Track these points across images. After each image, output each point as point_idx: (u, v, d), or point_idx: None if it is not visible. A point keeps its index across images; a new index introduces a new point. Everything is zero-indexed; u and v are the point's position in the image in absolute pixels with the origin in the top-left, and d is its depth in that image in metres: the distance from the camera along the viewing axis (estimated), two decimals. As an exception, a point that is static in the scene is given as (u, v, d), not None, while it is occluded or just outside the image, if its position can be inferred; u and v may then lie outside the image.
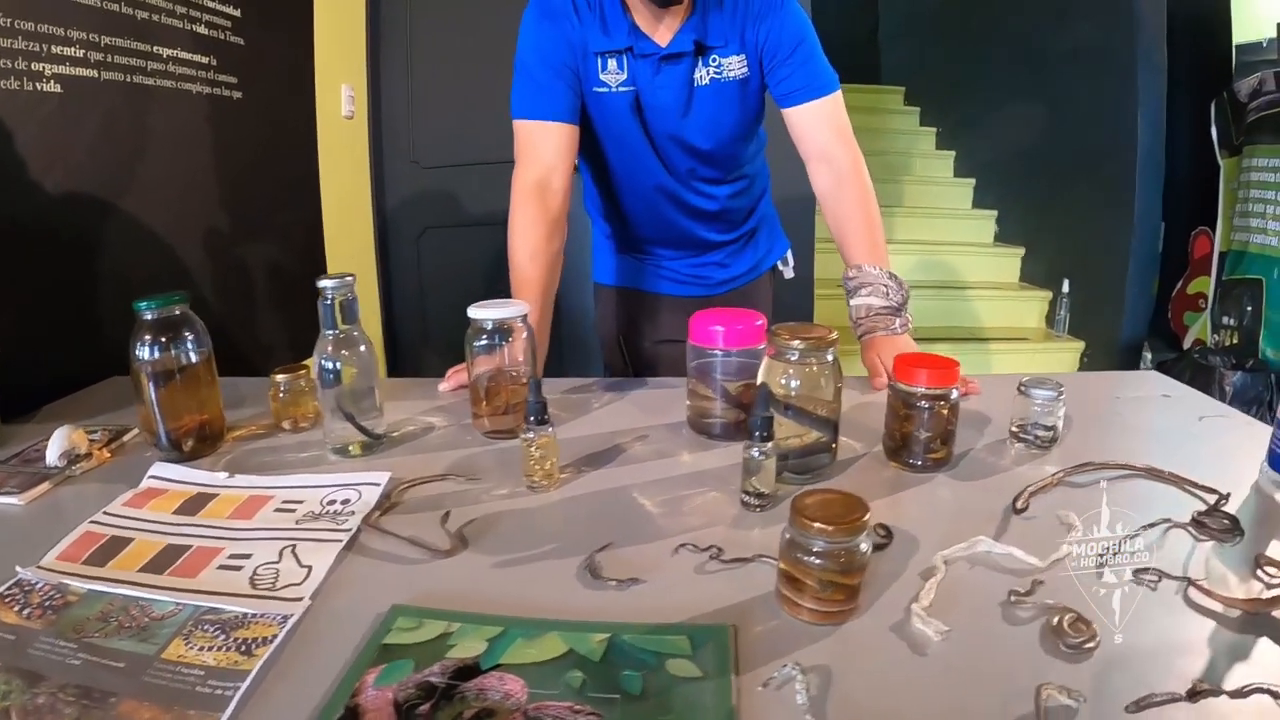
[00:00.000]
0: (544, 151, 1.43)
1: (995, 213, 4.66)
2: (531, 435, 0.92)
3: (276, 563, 0.81)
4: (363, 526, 0.87)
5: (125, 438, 1.15)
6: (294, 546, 0.84)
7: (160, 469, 1.03)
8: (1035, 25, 4.29)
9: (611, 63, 1.44)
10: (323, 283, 1.03)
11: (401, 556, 0.82)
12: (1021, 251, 4.42)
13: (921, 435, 1.00)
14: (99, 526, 0.89)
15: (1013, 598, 0.73)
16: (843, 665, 0.64)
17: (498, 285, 1.43)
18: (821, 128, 1.47)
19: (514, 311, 1.08)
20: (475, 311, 1.08)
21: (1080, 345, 3.93)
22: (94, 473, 1.05)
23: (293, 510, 0.92)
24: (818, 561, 0.67)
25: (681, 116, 1.47)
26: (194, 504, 0.94)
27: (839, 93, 1.48)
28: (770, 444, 0.86)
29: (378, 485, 0.96)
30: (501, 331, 1.09)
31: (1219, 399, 3.05)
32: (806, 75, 1.44)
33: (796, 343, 0.93)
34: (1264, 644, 0.68)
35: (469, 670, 0.62)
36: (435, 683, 0.61)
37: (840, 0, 6.60)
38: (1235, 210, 3.24)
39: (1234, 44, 4.22)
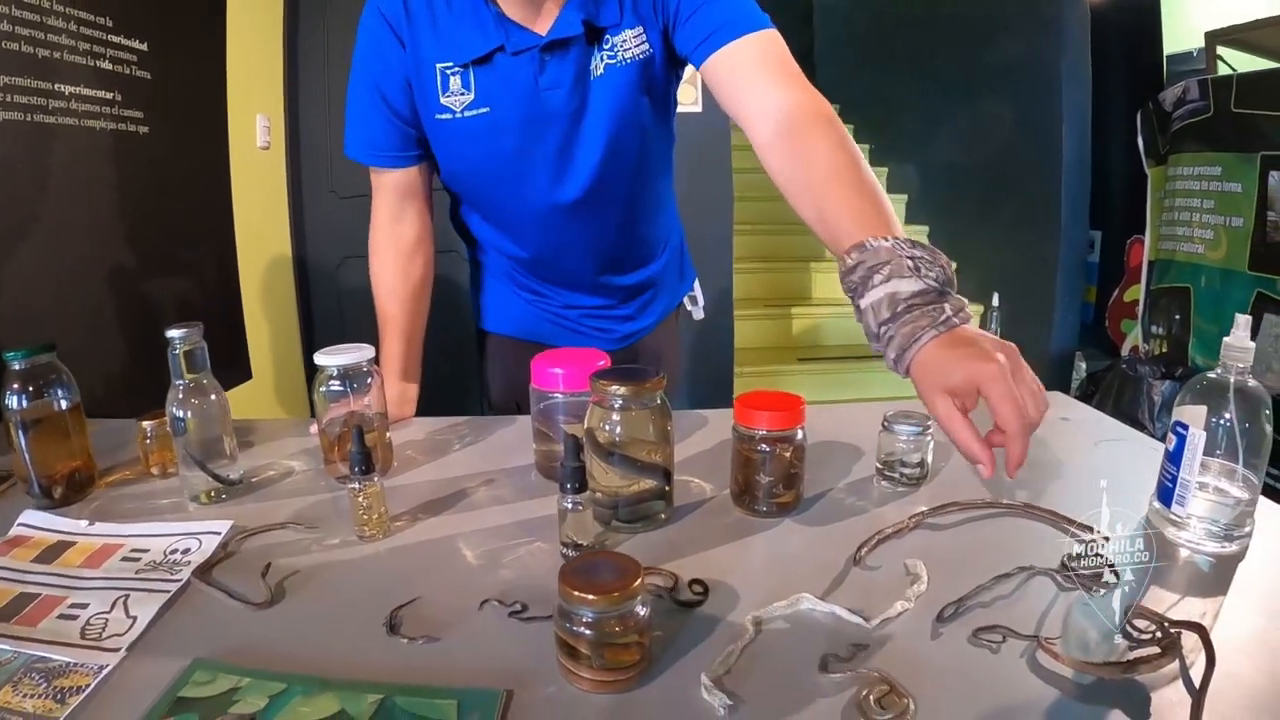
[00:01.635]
0: (387, 192, 1.34)
1: (927, 228, 4.72)
2: (357, 486, 0.91)
3: (108, 613, 0.81)
4: (191, 578, 0.86)
5: (6, 483, 1.14)
6: (127, 597, 0.83)
7: (28, 516, 1.02)
8: (964, 43, 4.36)
9: (455, 80, 1.20)
10: (170, 333, 1.02)
11: (221, 608, 0.81)
12: (953, 266, 4.45)
13: (763, 480, 0.96)
14: (-37, 574, 0.89)
15: (825, 665, 0.68)
16: (612, 739, 0.61)
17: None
18: (751, 71, 1.11)
19: (359, 357, 1.07)
20: (321, 358, 1.07)
21: (1011, 358, 3.97)
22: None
23: (138, 559, 0.91)
24: (588, 632, 0.64)
25: (576, 120, 1.22)
26: (52, 552, 0.94)
27: (773, 32, 1.13)
28: (584, 494, 0.84)
29: (218, 534, 0.95)
30: (349, 376, 1.08)
31: (1147, 409, 3.11)
32: (721, 13, 1.13)
33: (617, 388, 0.90)
34: (1115, 717, 0.62)
35: (243, 726, 0.62)
36: (212, 736, 0.61)
37: (775, 20, 6.72)
38: (1162, 219, 3.28)
39: (1165, 54, 4.29)
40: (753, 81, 1.10)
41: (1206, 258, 3.00)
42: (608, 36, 1.18)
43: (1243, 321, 0.86)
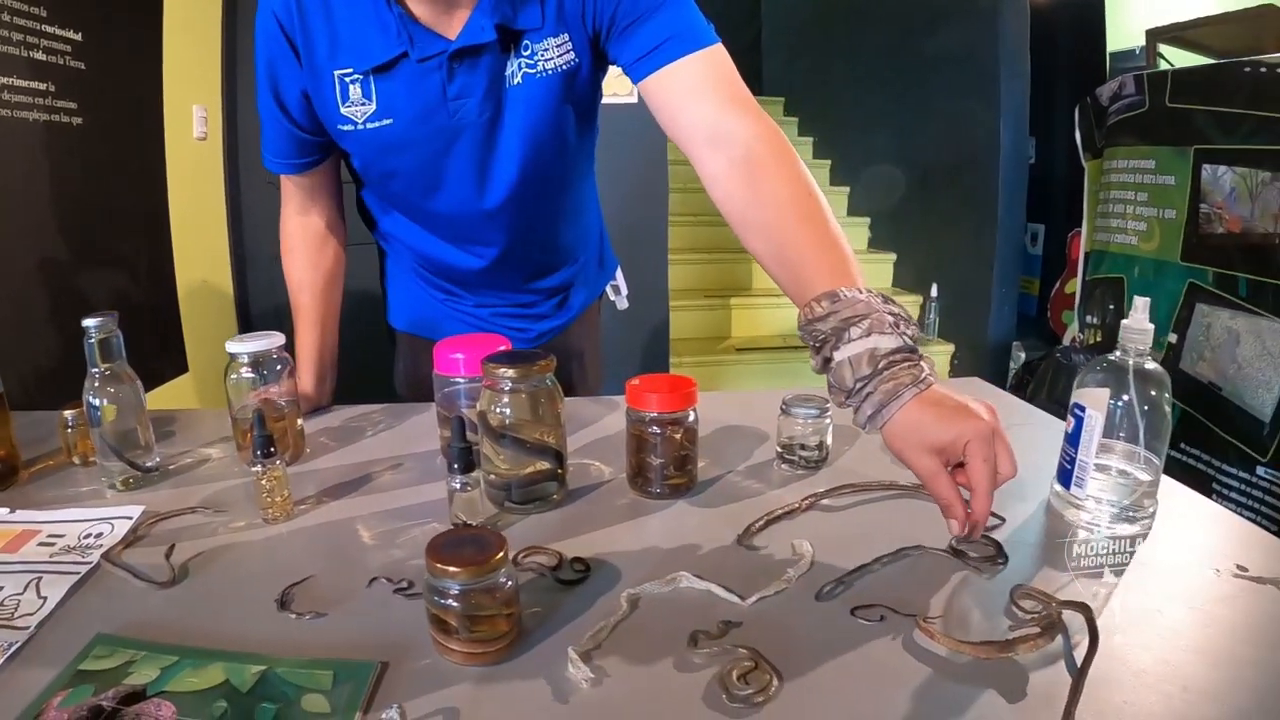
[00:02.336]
0: (294, 189, 1.34)
1: (868, 219, 4.79)
2: (259, 469, 0.94)
3: (20, 594, 0.83)
4: (100, 560, 0.88)
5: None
6: (40, 579, 0.86)
7: (-48, 507, 1.03)
8: (906, 36, 4.44)
9: (355, 89, 1.10)
10: (85, 322, 1.04)
11: (126, 588, 0.84)
12: (893, 257, 4.56)
13: (654, 462, 0.98)
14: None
15: (695, 640, 0.70)
16: (476, 710, 0.63)
17: (354, 302, 1.44)
18: (698, 95, 1.03)
19: (269, 344, 1.10)
20: (232, 346, 1.09)
21: (950, 348, 4.05)
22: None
23: (54, 544, 0.94)
24: (455, 604, 0.67)
25: (490, 132, 1.15)
26: (-28, 539, 0.96)
27: (720, 48, 1.06)
28: (471, 474, 0.87)
29: (130, 518, 0.98)
30: (260, 364, 1.10)
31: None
32: (666, 26, 1.03)
33: (505, 370, 0.92)
34: (988, 697, 0.63)
35: (135, 695, 0.65)
36: (104, 705, 0.64)
37: (722, 12, 6.77)
38: (1098, 211, 3.33)
39: (1109, 52, 4.36)
40: (703, 106, 1.03)
41: (1140, 249, 3.03)
42: (527, 42, 1.09)
43: (1141, 304, 0.88)
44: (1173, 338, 2.72)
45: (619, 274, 1.64)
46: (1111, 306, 3.23)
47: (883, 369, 0.82)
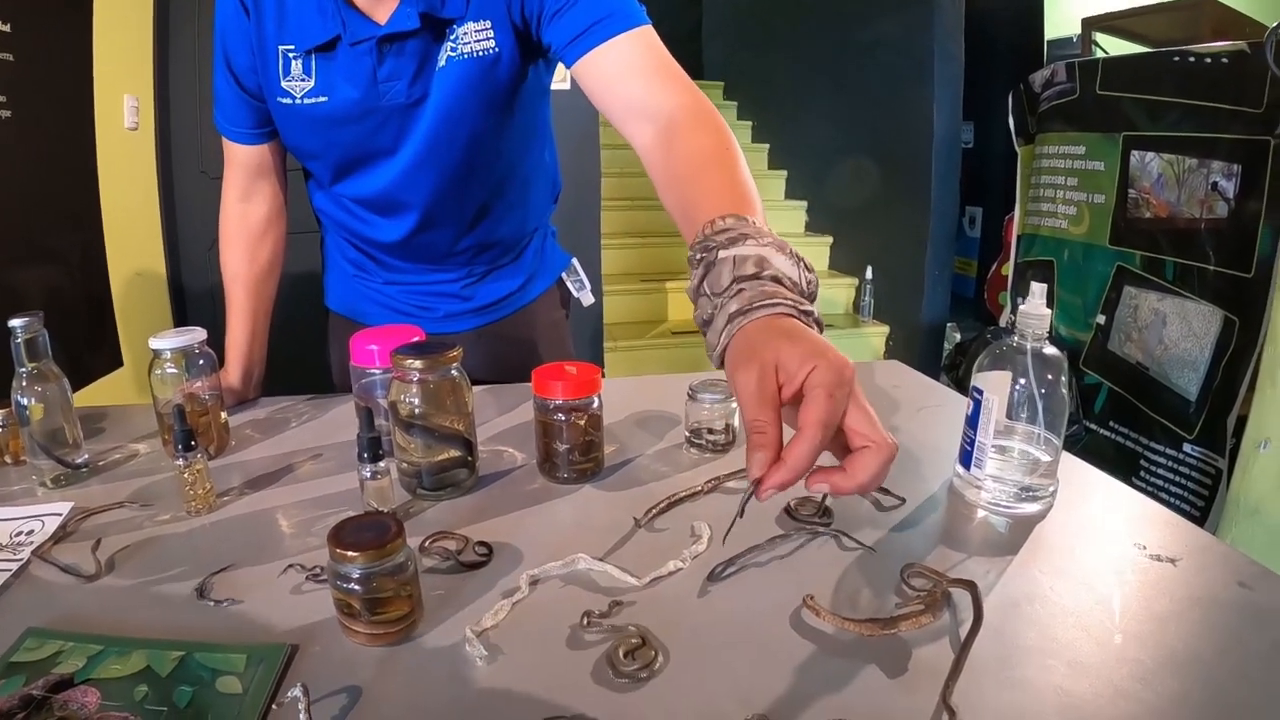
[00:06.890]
0: (237, 168, 1.34)
1: (805, 203, 4.87)
2: (181, 463, 0.97)
3: (-45, 593, 0.85)
4: (31, 556, 0.91)
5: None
6: (-27, 578, 0.88)
7: (-114, 507, 1.05)
8: (844, 22, 4.49)
9: (296, 65, 1.16)
10: (11, 322, 1.06)
11: (55, 582, 0.87)
12: (830, 240, 4.63)
13: (561, 447, 1.02)
14: None
15: (586, 620, 0.73)
16: (377, 687, 0.67)
17: (290, 293, 1.45)
18: (628, 73, 1.07)
19: (191, 340, 1.12)
20: (155, 342, 1.12)
21: (885, 330, 4.12)
22: None
23: (-13, 542, 0.96)
24: (357, 588, 0.70)
25: (414, 113, 1.19)
26: (-96, 539, 0.97)
27: (649, 28, 1.08)
28: (380, 463, 0.91)
29: (59, 515, 1.01)
30: (184, 359, 1.13)
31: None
32: (595, 9, 1.06)
33: (413, 361, 0.94)
34: (869, 672, 0.66)
35: (64, 684, 0.69)
36: (34, 694, 0.67)
37: (664, -2, 6.85)
38: (1030, 195, 3.41)
39: (1046, 39, 4.45)
40: (633, 83, 1.07)
41: (1069, 233, 3.09)
42: (453, 28, 1.12)
43: (1038, 290, 0.91)
44: (1101, 319, 2.79)
45: (579, 268, 1.64)
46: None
47: (767, 277, 0.72)
